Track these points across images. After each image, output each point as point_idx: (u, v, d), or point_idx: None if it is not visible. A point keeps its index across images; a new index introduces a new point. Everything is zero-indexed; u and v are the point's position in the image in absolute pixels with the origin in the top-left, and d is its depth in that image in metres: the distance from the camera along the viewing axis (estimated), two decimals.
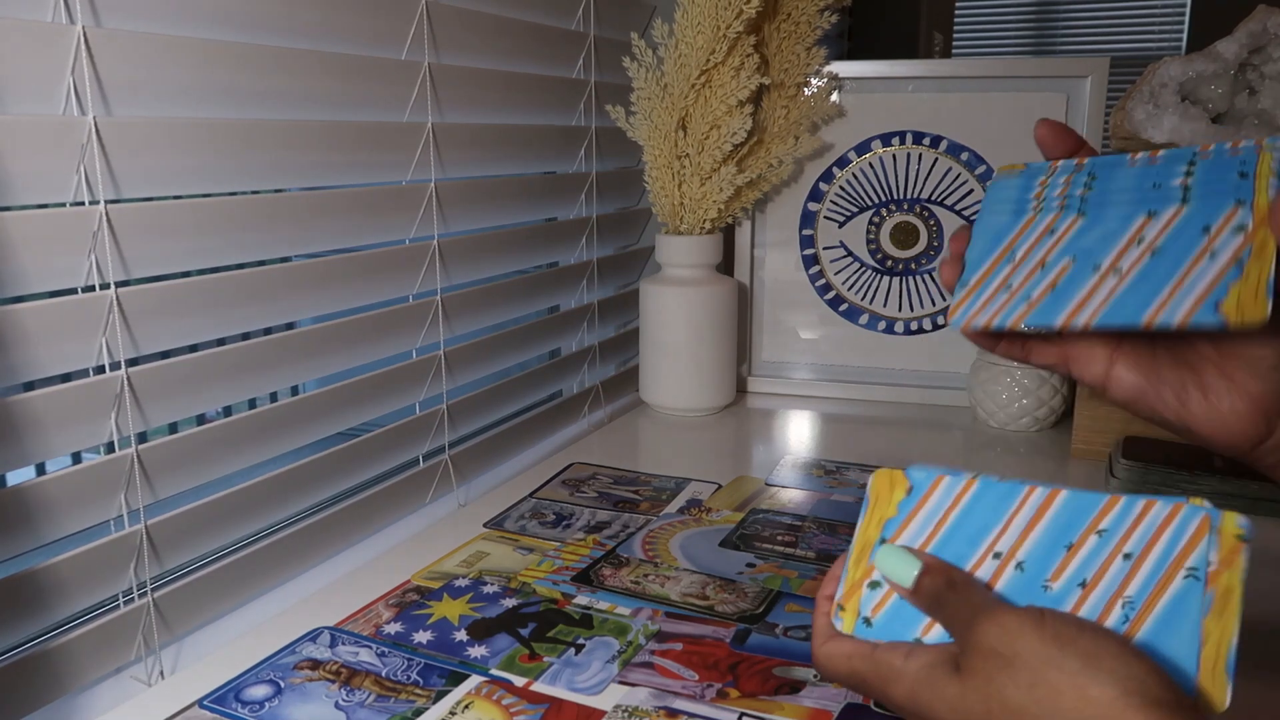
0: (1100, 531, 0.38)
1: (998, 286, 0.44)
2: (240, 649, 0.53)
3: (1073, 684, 0.32)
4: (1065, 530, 0.39)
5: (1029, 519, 0.40)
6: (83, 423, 0.50)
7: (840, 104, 1.02)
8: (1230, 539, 0.35)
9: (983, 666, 0.35)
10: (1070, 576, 0.37)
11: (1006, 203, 0.47)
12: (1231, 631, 0.34)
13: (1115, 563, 0.37)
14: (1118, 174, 0.44)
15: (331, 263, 0.66)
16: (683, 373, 0.97)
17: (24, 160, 0.46)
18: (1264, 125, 0.87)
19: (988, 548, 0.40)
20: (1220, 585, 0.35)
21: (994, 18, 3.99)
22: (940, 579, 0.38)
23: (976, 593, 0.38)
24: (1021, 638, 0.34)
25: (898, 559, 0.40)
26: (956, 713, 0.35)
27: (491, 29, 0.80)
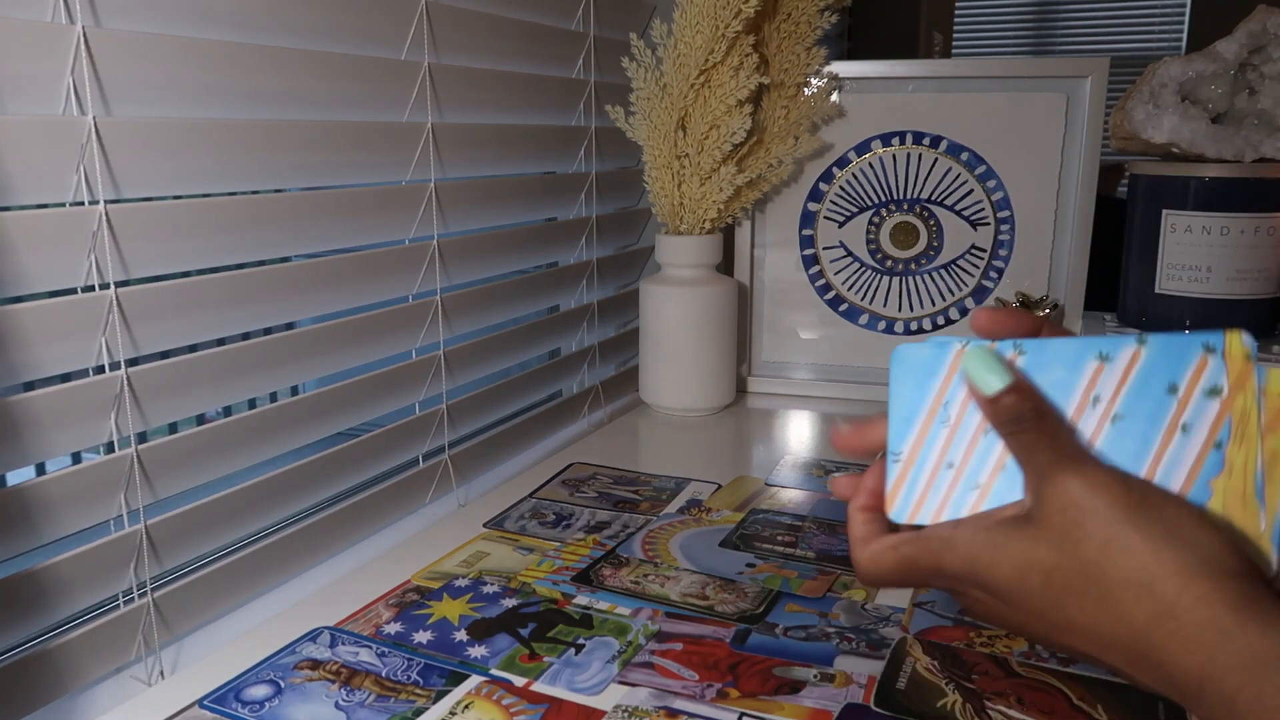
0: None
1: (927, 483, 0.39)
2: (240, 649, 0.53)
3: (1150, 546, 0.32)
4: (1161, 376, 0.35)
5: (1122, 364, 0.35)
6: (83, 423, 0.50)
7: (840, 104, 1.02)
8: (1238, 360, 0.34)
9: (1059, 517, 0.34)
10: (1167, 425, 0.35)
11: (915, 402, 0.39)
12: (1255, 453, 0.33)
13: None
14: (1047, 369, 0.37)
15: (331, 263, 0.66)
16: (683, 373, 0.97)
17: (24, 160, 0.46)
18: (1264, 125, 0.87)
19: (1083, 393, 0.36)
20: (1236, 410, 0.33)
21: (994, 18, 4.00)
22: (1029, 404, 0.36)
23: (1064, 434, 0.35)
24: (1106, 494, 0.33)
25: (986, 365, 0.36)
26: (1021, 566, 0.34)
27: (491, 29, 0.80)
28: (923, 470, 0.38)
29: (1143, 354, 0.35)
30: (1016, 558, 0.34)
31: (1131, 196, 0.97)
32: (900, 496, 0.38)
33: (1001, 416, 0.36)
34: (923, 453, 0.38)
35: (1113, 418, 0.35)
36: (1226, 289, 0.89)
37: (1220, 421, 0.34)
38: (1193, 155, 0.89)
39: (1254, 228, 0.88)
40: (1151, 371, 0.35)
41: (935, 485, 0.38)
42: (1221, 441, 0.33)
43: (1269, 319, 0.91)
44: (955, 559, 0.36)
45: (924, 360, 0.38)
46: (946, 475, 0.37)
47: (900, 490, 0.38)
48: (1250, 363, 0.33)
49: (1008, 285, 1.01)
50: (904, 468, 0.38)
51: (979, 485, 0.37)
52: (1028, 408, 0.36)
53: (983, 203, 1.01)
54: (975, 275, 1.02)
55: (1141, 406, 0.35)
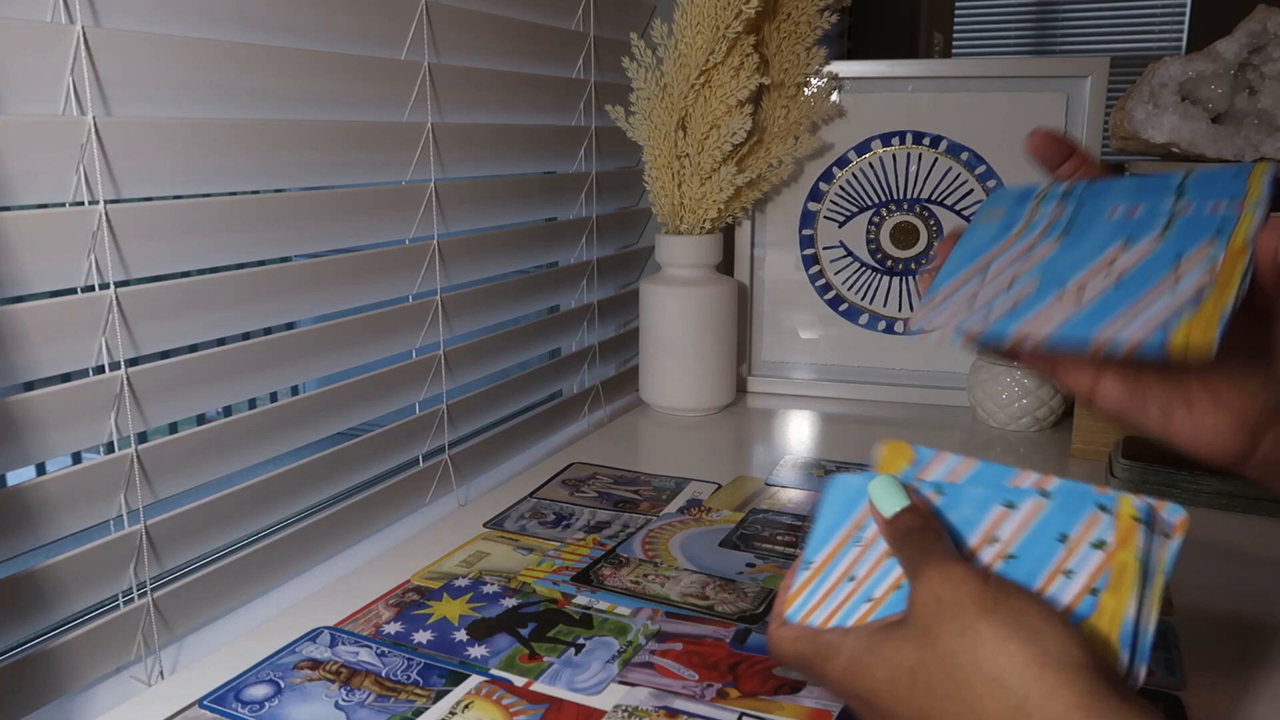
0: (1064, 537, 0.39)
1: (964, 300, 0.44)
2: (240, 649, 0.53)
3: (996, 634, 0.33)
4: (1057, 524, 0.39)
5: (1024, 512, 0.40)
6: (83, 423, 0.50)
7: (840, 104, 1.02)
8: (1126, 520, 0.37)
9: (923, 612, 0.36)
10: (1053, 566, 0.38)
11: (994, 220, 0.47)
12: (1126, 604, 0.36)
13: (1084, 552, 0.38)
14: (1108, 198, 0.43)
15: (331, 263, 0.66)
16: (683, 373, 0.97)
17: (24, 160, 0.46)
18: (1264, 125, 0.87)
19: (984, 532, 0.40)
20: (1116, 564, 0.36)
21: (994, 18, 3.99)
22: (919, 520, 0.39)
23: (943, 541, 0.38)
24: (964, 588, 0.35)
25: (890, 490, 0.40)
26: (892, 669, 0.36)
27: (491, 29, 0.80)
28: (826, 580, 0.42)
29: (1044, 506, 0.39)
30: (888, 660, 0.36)
31: None
32: (800, 599, 0.42)
33: (895, 533, 0.39)
34: (831, 565, 0.42)
35: (1006, 556, 0.38)
36: None
37: (1100, 571, 0.37)
38: (1193, 155, 0.89)
39: None
40: (1048, 521, 0.38)
41: (833, 594, 0.41)
42: (1098, 589, 0.36)
43: None
44: (838, 665, 0.38)
45: (855, 488, 0.43)
46: (846, 587, 0.41)
47: (802, 594, 0.42)
48: (1136, 524, 0.37)
49: None
50: (811, 576, 0.42)
51: (872, 599, 0.40)
52: (918, 521, 0.39)
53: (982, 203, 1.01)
54: None
55: (1033, 550, 0.38)
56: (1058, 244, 0.43)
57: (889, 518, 0.39)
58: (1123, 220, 0.42)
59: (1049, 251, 0.43)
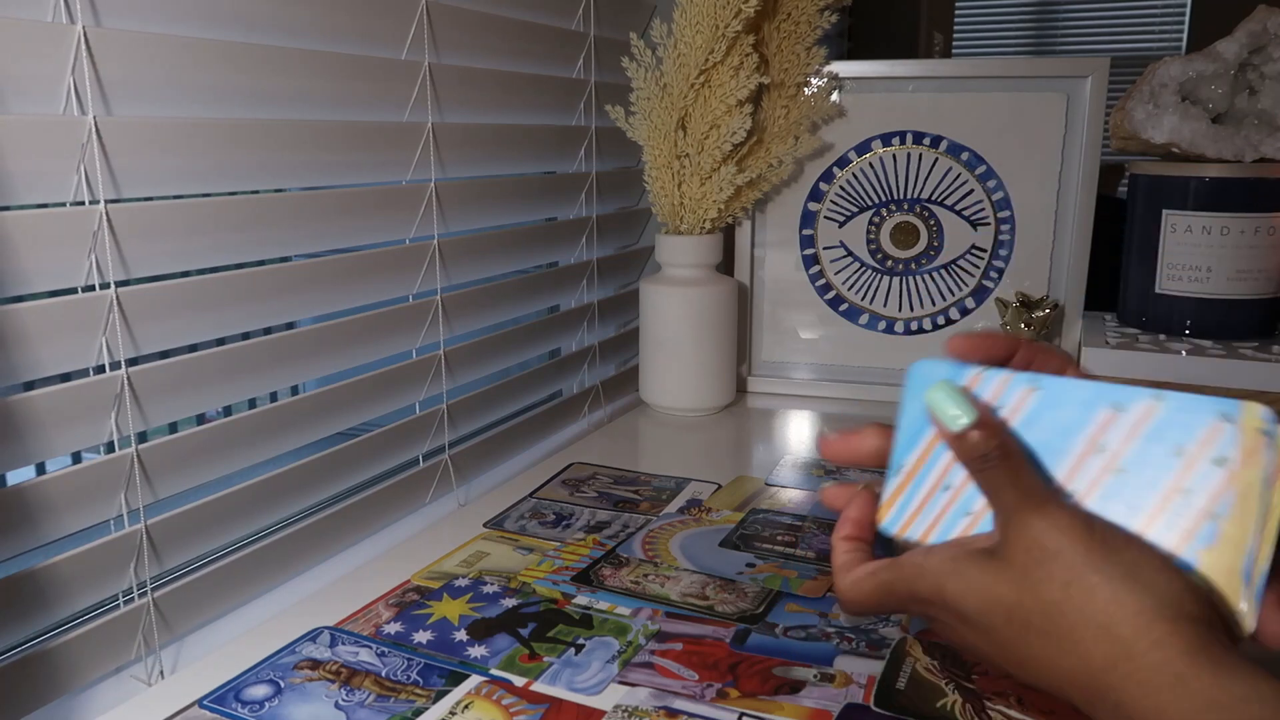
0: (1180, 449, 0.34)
1: (923, 500, 0.39)
2: (240, 649, 0.53)
3: (1109, 588, 0.32)
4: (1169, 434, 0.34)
5: (1135, 417, 0.35)
6: (83, 422, 0.50)
7: (840, 104, 1.02)
8: (1252, 433, 0.33)
9: (1023, 557, 0.34)
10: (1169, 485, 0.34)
11: (918, 416, 0.40)
12: (1249, 534, 0.32)
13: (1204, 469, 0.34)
14: (1055, 415, 0.36)
15: (331, 263, 0.66)
16: (683, 373, 0.97)
17: (24, 160, 0.46)
18: (1264, 125, 0.87)
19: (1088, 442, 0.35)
20: (1240, 485, 0.33)
21: (994, 18, 4.00)
22: (994, 441, 0.36)
23: (1027, 473, 0.35)
24: (1069, 536, 0.33)
25: (952, 397, 0.37)
26: (987, 601, 0.35)
27: (492, 29, 0.80)
28: (920, 487, 0.38)
29: (1157, 410, 0.34)
30: (981, 591, 0.35)
31: (1131, 196, 0.97)
32: (895, 509, 0.39)
33: (967, 452, 0.36)
34: (924, 470, 0.38)
35: (1115, 469, 0.35)
36: (1226, 289, 0.89)
37: (1222, 493, 0.33)
38: (1193, 155, 0.89)
39: (1254, 228, 0.88)
40: (1162, 430, 0.34)
41: (930, 504, 0.38)
42: (1219, 514, 0.33)
43: (1269, 319, 0.91)
44: (926, 585, 0.37)
45: (939, 376, 0.38)
46: (942, 497, 0.38)
47: (896, 502, 0.39)
48: (1263, 438, 0.33)
49: (1008, 285, 1.01)
50: (903, 481, 0.39)
51: (971, 512, 0.37)
52: (993, 445, 0.36)
53: (983, 203, 1.01)
54: (975, 275, 1.02)
55: (1146, 463, 0.34)
56: (1027, 404, 0.37)
57: (955, 432, 0.36)
58: (1097, 389, 0.36)
59: (1019, 412, 0.37)
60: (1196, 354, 0.86)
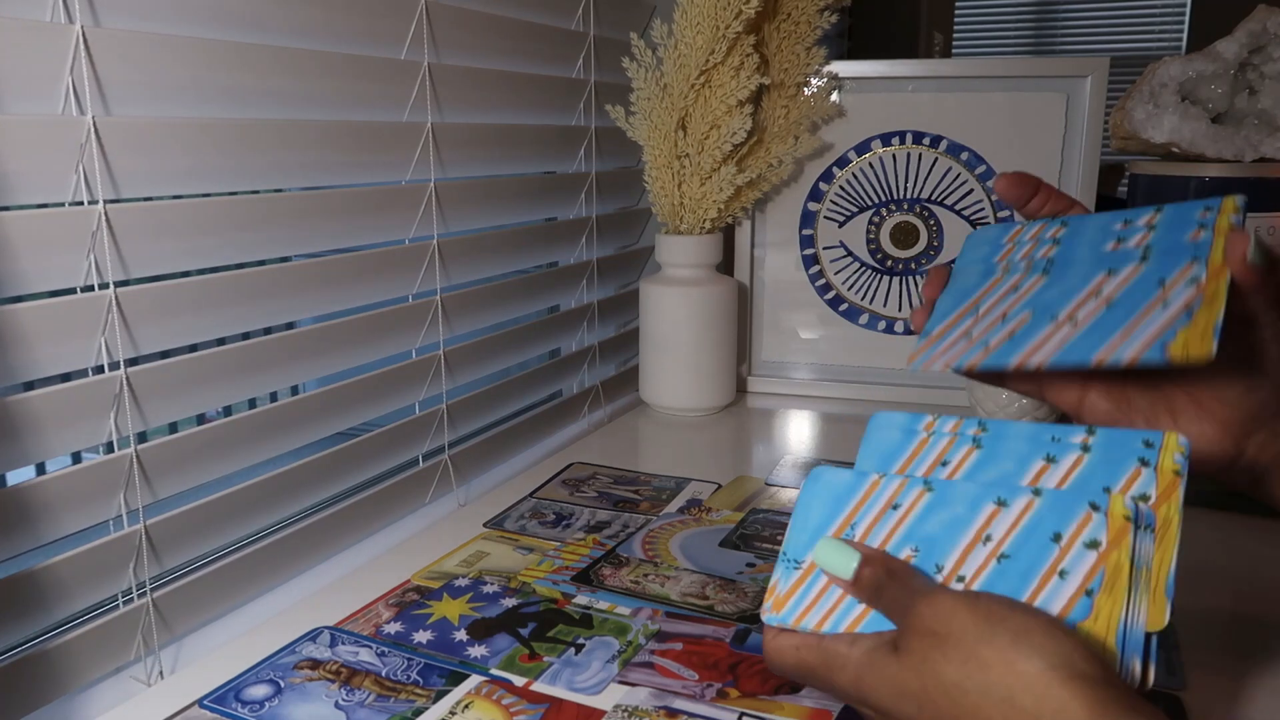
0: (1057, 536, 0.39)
1: (959, 336, 0.46)
2: (240, 649, 0.53)
3: (1002, 658, 0.33)
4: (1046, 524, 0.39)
5: (1017, 510, 0.40)
6: (82, 423, 0.50)
7: (840, 104, 1.02)
8: (1118, 520, 0.37)
9: (919, 646, 0.36)
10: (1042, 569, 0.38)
11: (977, 262, 0.50)
12: (1120, 605, 0.36)
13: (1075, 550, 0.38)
14: (1083, 235, 0.47)
15: (331, 263, 0.66)
16: (683, 373, 0.97)
17: (23, 160, 0.46)
18: (1264, 125, 0.87)
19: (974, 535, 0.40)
20: (1110, 564, 0.36)
21: (994, 18, 4.00)
22: (880, 569, 0.39)
23: (913, 578, 0.38)
24: (955, 617, 0.35)
25: (836, 551, 0.40)
26: (896, 692, 0.36)
27: (491, 29, 0.80)
28: (817, 582, 0.41)
29: (1035, 504, 0.39)
30: (891, 682, 0.36)
31: (1131, 196, 0.96)
32: (791, 602, 0.41)
33: (863, 591, 0.39)
34: (819, 569, 0.41)
35: (999, 556, 0.38)
36: None
37: (1094, 572, 0.36)
38: (1193, 155, 0.89)
39: (1254, 228, 0.88)
40: (1041, 520, 0.38)
41: (824, 597, 0.41)
42: (1092, 590, 0.36)
43: None
44: (845, 677, 0.38)
45: (841, 484, 0.43)
46: (837, 590, 0.40)
47: (791, 598, 0.41)
48: (1129, 524, 0.37)
49: None
50: (801, 577, 0.41)
51: (863, 604, 0.40)
52: (880, 572, 0.39)
53: (983, 203, 1.01)
54: None
55: (1026, 550, 0.38)
56: (1043, 279, 0.46)
57: (850, 579, 0.39)
58: (1102, 253, 0.45)
59: (1036, 286, 0.46)
60: None
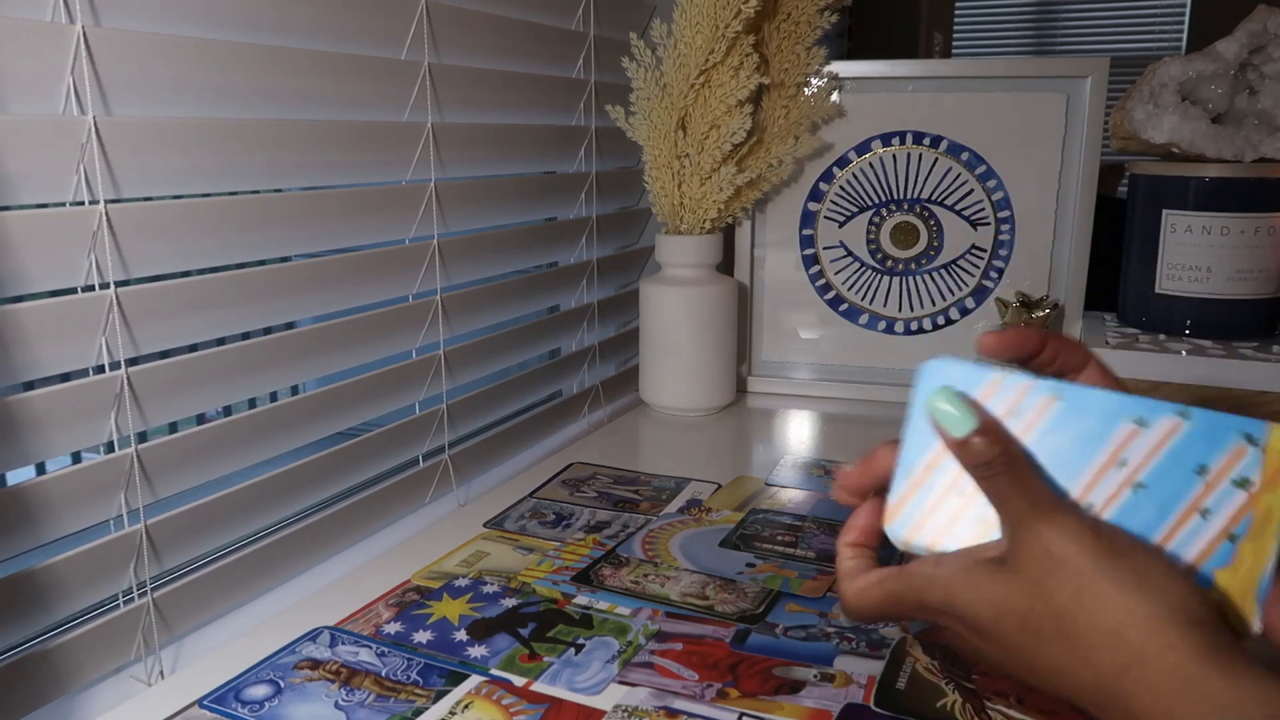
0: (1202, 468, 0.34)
1: (933, 505, 0.38)
2: (240, 649, 0.53)
3: (1118, 594, 0.33)
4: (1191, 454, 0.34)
5: (1159, 433, 0.35)
6: (82, 422, 0.50)
7: (840, 104, 1.02)
8: (1277, 457, 0.33)
9: (1032, 566, 0.34)
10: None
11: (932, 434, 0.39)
12: (1266, 556, 0.33)
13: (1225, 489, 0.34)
14: (1077, 429, 0.36)
15: (331, 263, 0.66)
16: (683, 373, 0.97)
17: (23, 160, 0.46)
18: (1264, 125, 0.87)
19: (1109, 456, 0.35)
20: (1260, 508, 0.33)
21: (994, 18, 4.00)
22: (997, 448, 0.36)
23: (1033, 483, 0.35)
24: (1078, 544, 0.34)
25: (954, 404, 0.36)
26: (999, 609, 0.35)
27: (491, 29, 0.80)
28: (931, 491, 0.38)
29: (1181, 428, 0.34)
30: (992, 600, 0.35)
31: (1131, 196, 0.96)
32: (903, 513, 0.38)
33: (971, 459, 0.36)
34: (936, 473, 0.38)
35: (1135, 484, 0.34)
36: (1226, 289, 0.89)
37: (1241, 514, 0.33)
38: (1193, 155, 0.89)
39: (1254, 228, 0.88)
40: (1185, 448, 0.34)
41: (940, 510, 0.37)
42: (1237, 535, 0.33)
43: (1269, 319, 0.91)
44: (935, 595, 0.37)
45: (954, 379, 0.37)
46: (954, 502, 0.37)
47: (904, 506, 0.38)
48: None
49: (1008, 285, 1.01)
50: (913, 485, 0.38)
51: (984, 519, 0.36)
52: (997, 452, 0.36)
53: (983, 203, 1.01)
54: (975, 275, 1.02)
55: (1167, 480, 0.34)
56: (1048, 413, 0.36)
57: (958, 439, 0.36)
58: (1121, 401, 0.36)
59: (1038, 422, 0.37)
60: (1196, 354, 0.86)
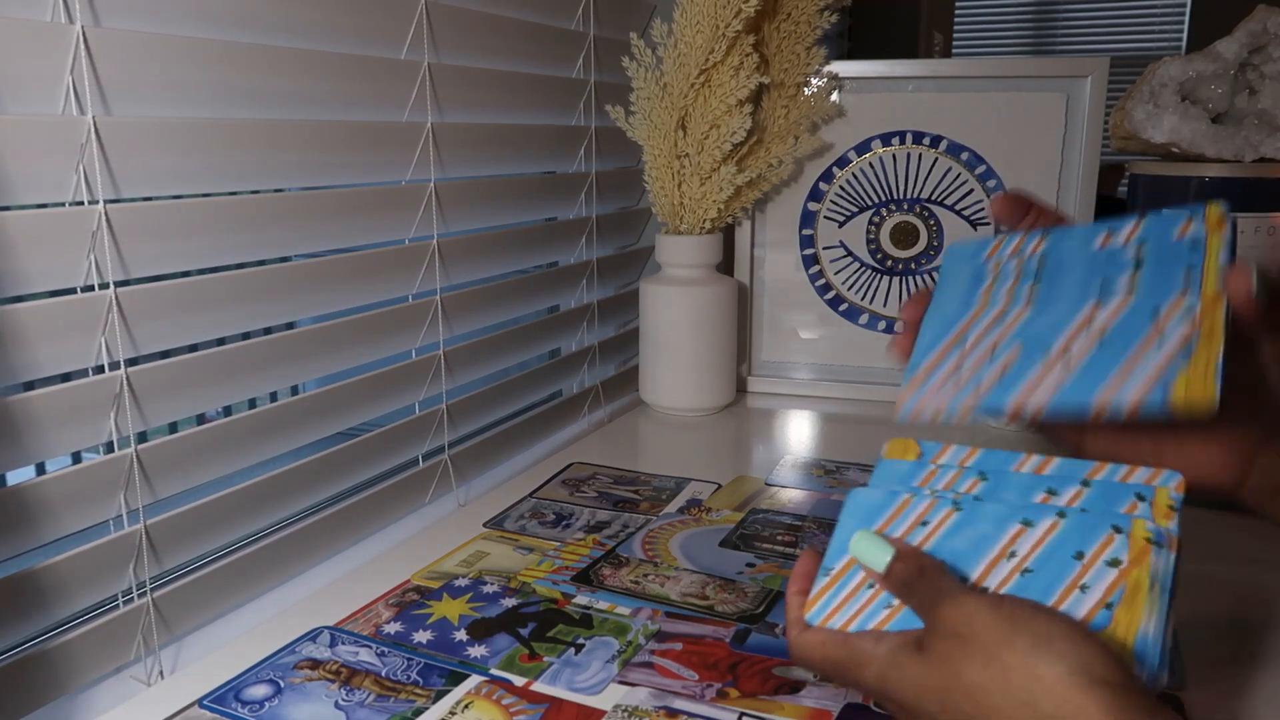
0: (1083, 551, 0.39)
1: (946, 374, 0.45)
2: (240, 649, 0.53)
3: (1023, 662, 0.34)
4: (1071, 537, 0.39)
5: (1042, 530, 0.40)
6: (82, 422, 0.50)
7: (840, 104, 1.02)
8: (1139, 541, 0.38)
9: (943, 646, 0.36)
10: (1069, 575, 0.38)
11: (957, 285, 0.48)
12: (1139, 618, 0.36)
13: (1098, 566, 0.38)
14: (1066, 252, 0.45)
15: (331, 263, 0.66)
16: (683, 373, 0.97)
17: (23, 160, 0.46)
18: (1264, 125, 0.87)
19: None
20: (1130, 580, 0.37)
21: (994, 18, 4.00)
22: (912, 565, 0.39)
23: (942, 577, 0.39)
24: (979, 618, 0.35)
25: (872, 544, 0.41)
26: (920, 690, 0.37)
27: (491, 29, 0.80)
28: (845, 586, 0.42)
29: (1059, 525, 0.39)
30: (916, 680, 0.37)
31: (1131, 196, 0.96)
32: (820, 604, 0.42)
33: (894, 585, 0.40)
34: (850, 572, 0.42)
35: (1023, 570, 0.39)
36: None
37: (1114, 587, 0.37)
38: (1193, 155, 0.89)
39: (1254, 228, 0.88)
40: (1065, 539, 0.39)
41: (853, 600, 0.42)
42: (1112, 603, 0.37)
43: None
44: (871, 673, 0.39)
45: (874, 500, 0.43)
46: (865, 593, 0.42)
47: (821, 599, 0.42)
48: (1151, 545, 0.37)
49: None
50: (830, 582, 0.42)
51: (892, 605, 0.41)
52: (913, 568, 0.39)
53: (983, 202, 1.01)
54: None
55: (1050, 565, 0.39)
56: (1030, 306, 0.44)
57: (882, 572, 0.40)
58: (1089, 276, 0.43)
59: (1023, 315, 0.44)
60: None
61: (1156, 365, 0.39)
